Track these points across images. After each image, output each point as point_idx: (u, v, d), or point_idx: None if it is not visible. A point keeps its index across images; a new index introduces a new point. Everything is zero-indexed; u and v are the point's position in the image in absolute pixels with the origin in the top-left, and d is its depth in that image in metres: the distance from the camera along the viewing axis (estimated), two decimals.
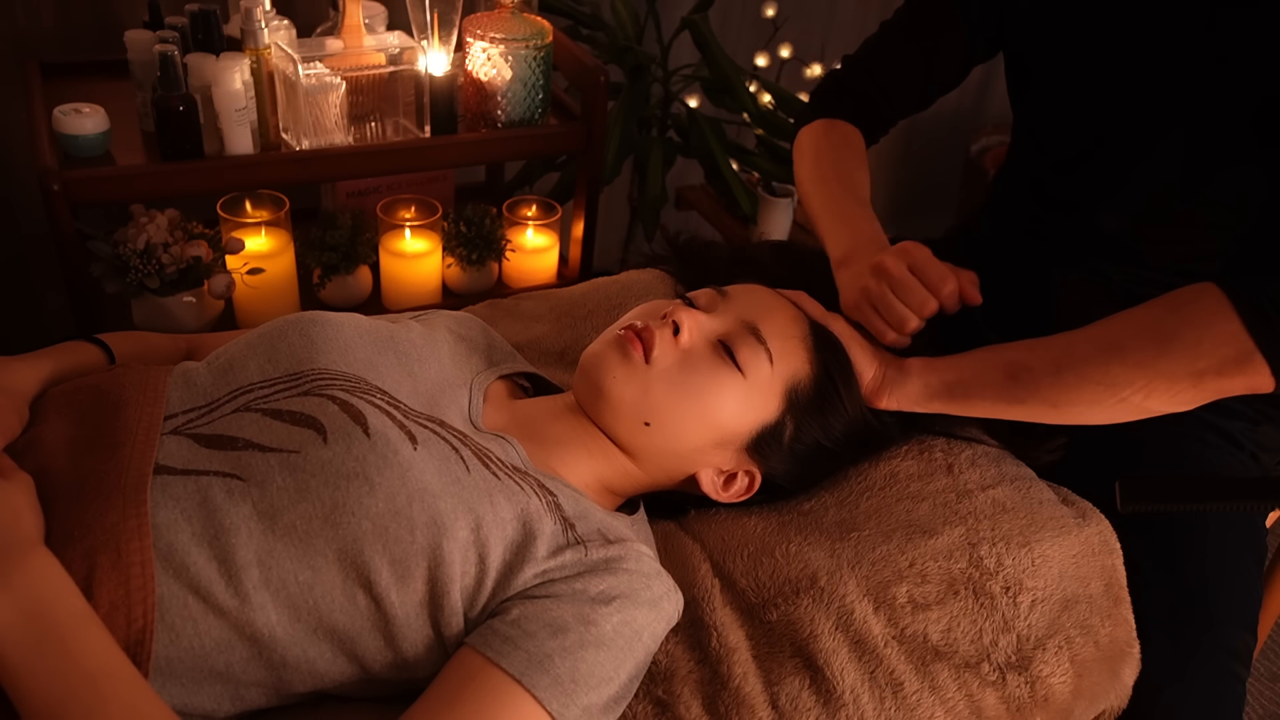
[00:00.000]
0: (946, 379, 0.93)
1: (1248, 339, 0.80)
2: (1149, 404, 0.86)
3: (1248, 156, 0.95)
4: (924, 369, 0.94)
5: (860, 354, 0.95)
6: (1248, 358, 0.81)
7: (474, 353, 0.98)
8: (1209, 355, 0.82)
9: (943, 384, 0.93)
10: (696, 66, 2.01)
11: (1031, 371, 0.89)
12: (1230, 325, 0.81)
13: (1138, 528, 0.97)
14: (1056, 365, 0.88)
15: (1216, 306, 0.82)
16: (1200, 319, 0.83)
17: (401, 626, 0.71)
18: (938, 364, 0.94)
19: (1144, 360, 0.84)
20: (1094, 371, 0.86)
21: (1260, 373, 0.81)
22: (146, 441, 0.74)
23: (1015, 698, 0.85)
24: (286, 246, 1.58)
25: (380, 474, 0.71)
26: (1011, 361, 0.91)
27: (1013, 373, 0.90)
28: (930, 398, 0.94)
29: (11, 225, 1.80)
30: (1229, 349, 0.81)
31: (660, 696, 0.80)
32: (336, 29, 1.52)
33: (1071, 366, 0.87)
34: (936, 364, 0.95)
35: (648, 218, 1.93)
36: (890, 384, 0.94)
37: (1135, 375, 0.84)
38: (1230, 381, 0.83)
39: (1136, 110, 1.02)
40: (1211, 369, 0.82)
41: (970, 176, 2.72)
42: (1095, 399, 0.87)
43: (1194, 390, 0.84)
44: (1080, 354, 0.87)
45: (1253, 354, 0.81)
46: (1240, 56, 0.94)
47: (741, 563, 0.90)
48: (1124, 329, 0.87)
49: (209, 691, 0.70)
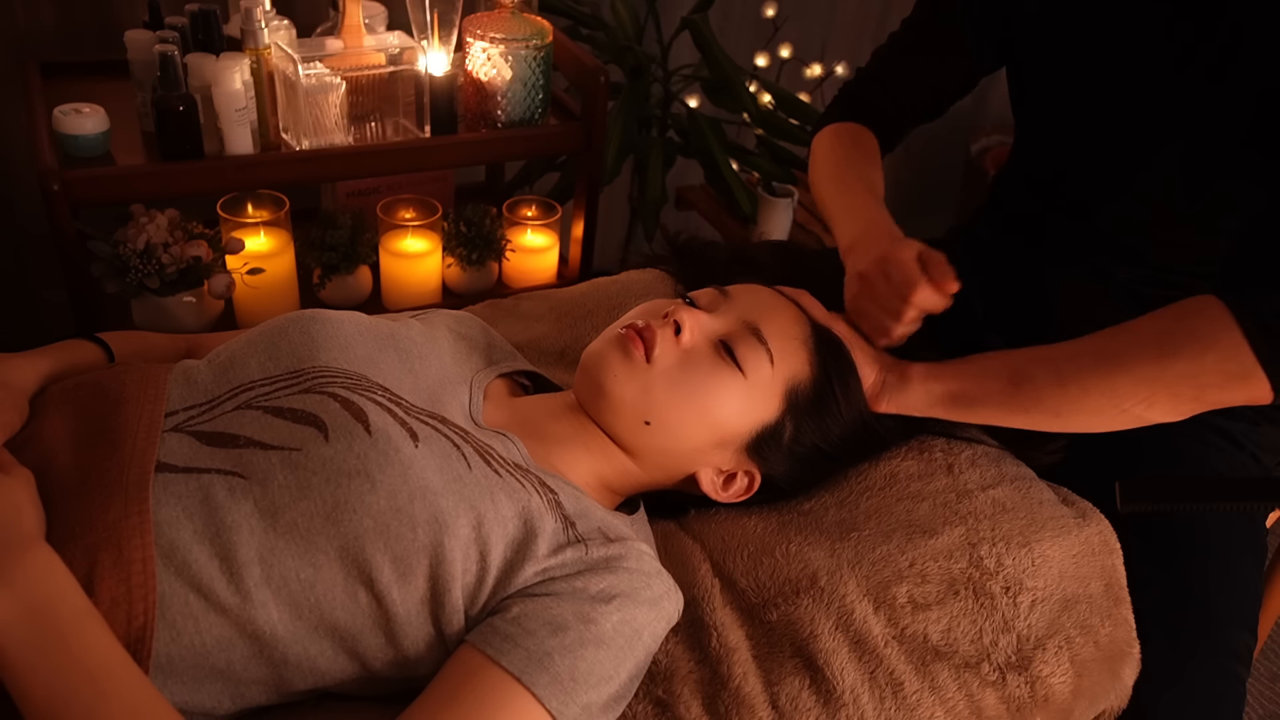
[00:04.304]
0: (950, 388, 0.93)
1: (1250, 354, 0.81)
2: (1150, 414, 0.86)
3: (1245, 166, 0.95)
4: (926, 376, 0.94)
5: (861, 357, 0.95)
6: (1250, 372, 0.81)
7: (474, 351, 0.98)
8: (1212, 370, 0.82)
9: (945, 393, 0.93)
10: (696, 66, 2.01)
11: (1035, 382, 0.89)
12: (1233, 340, 0.81)
13: (1138, 528, 0.97)
14: (1060, 375, 0.88)
15: (1219, 320, 0.82)
16: (1204, 333, 0.83)
17: (403, 624, 0.71)
18: (941, 372, 0.94)
19: (1147, 373, 0.84)
20: (1097, 383, 0.86)
21: (1261, 386, 0.81)
22: (148, 439, 0.74)
23: (1015, 698, 0.85)
24: (286, 246, 1.58)
25: (382, 471, 0.71)
26: (1015, 371, 0.91)
27: (1016, 382, 0.90)
28: (932, 405, 0.94)
29: (11, 225, 1.80)
30: (1232, 364, 0.81)
31: (660, 696, 0.80)
32: (336, 29, 1.52)
33: (1075, 377, 0.87)
34: (939, 372, 0.94)
35: (648, 218, 1.93)
36: (890, 389, 0.94)
37: (1138, 387, 0.85)
38: (1231, 394, 0.83)
39: (1135, 119, 1.02)
40: (1214, 383, 0.83)
41: (970, 176, 2.72)
42: (1097, 409, 0.87)
43: (1195, 402, 0.85)
44: (1083, 365, 0.88)
45: (1255, 369, 0.81)
46: (1237, 65, 0.94)
47: (741, 563, 0.90)
48: (1128, 341, 0.87)
49: (210, 689, 0.70)
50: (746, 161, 2.02)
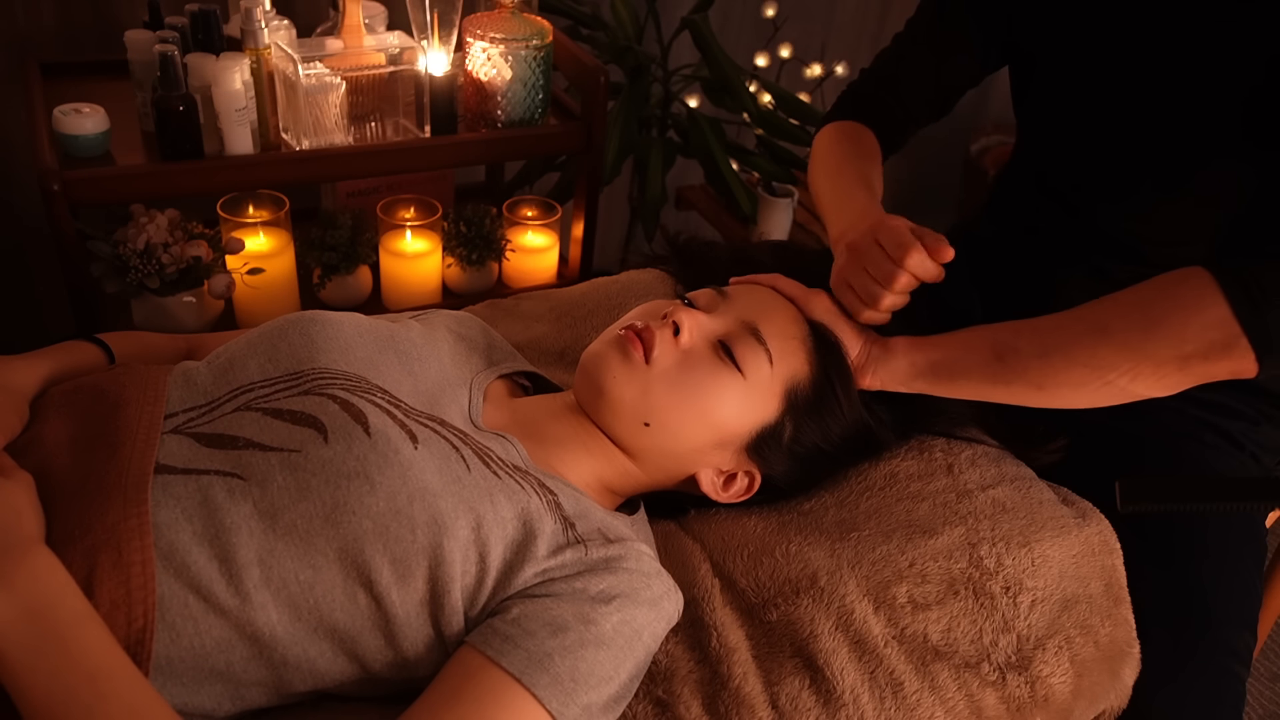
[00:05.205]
0: (932, 358, 0.92)
1: (1234, 324, 0.80)
2: (1134, 387, 0.85)
3: (1245, 162, 0.95)
4: (909, 348, 0.93)
5: (845, 331, 0.94)
6: (1234, 342, 0.81)
7: (474, 352, 0.98)
8: (1196, 339, 0.82)
9: (928, 363, 0.92)
10: (696, 66, 2.01)
11: (1018, 352, 0.89)
12: (1218, 310, 0.81)
13: (1138, 528, 0.97)
14: (1043, 346, 0.88)
15: (1204, 290, 0.82)
16: (1188, 303, 0.82)
17: (402, 626, 0.71)
18: (923, 343, 0.94)
19: (1130, 343, 0.84)
20: (1080, 353, 0.86)
21: (1245, 357, 0.81)
22: (147, 441, 0.74)
23: (1015, 698, 0.85)
24: (286, 246, 1.58)
25: (381, 473, 0.71)
26: (998, 342, 0.90)
27: (999, 353, 0.89)
28: (915, 377, 0.93)
29: (11, 225, 1.80)
30: (1216, 333, 0.81)
31: (660, 696, 0.80)
32: (336, 29, 1.52)
33: (1058, 348, 0.87)
34: (922, 343, 0.94)
35: (648, 218, 1.93)
36: (875, 362, 0.93)
37: (1121, 358, 0.84)
38: (1215, 366, 0.82)
39: (1136, 118, 1.02)
40: (1198, 353, 0.82)
41: (970, 176, 2.72)
42: (1081, 381, 0.86)
43: (1179, 374, 0.84)
44: (1067, 335, 0.87)
45: (1239, 339, 0.80)
46: (1236, 63, 0.94)
47: (741, 563, 0.90)
48: (1111, 311, 0.86)
49: (209, 691, 0.70)
50: (746, 161, 2.02)
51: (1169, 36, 0.98)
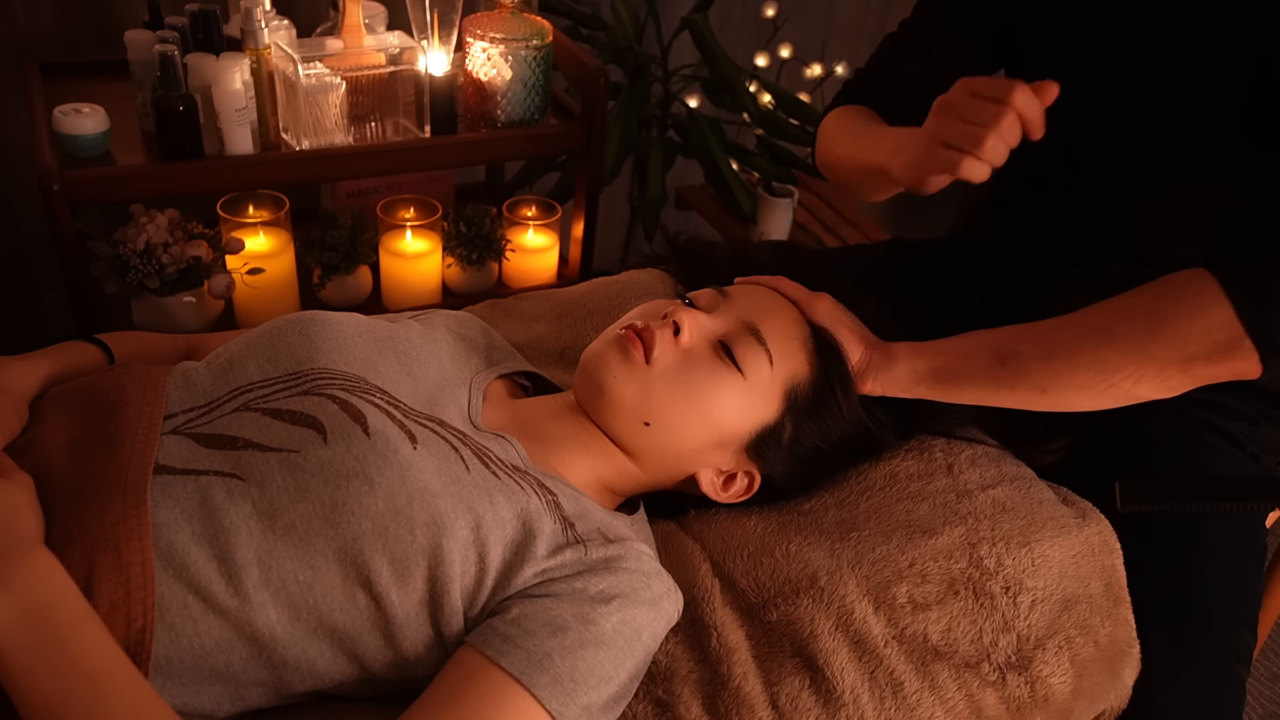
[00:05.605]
0: (934, 364, 0.92)
1: (1238, 326, 0.80)
2: (1138, 390, 0.85)
3: (1240, 151, 0.95)
4: (911, 354, 0.93)
5: (847, 337, 0.94)
6: (1237, 344, 0.81)
7: (473, 352, 0.98)
8: (1199, 341, 0.82)
9: (930, 369, 0.92)
10: (696, 66, 2.01)
11: (1021, 357, 0.88)
12: (1221, 312, 0.81)
13: (1138, 528, 0.97)
14: (1047, 350, 0.87)
15: (1208, 292, 0.82)
16: (1192, 305, 0.82)
17: (401, 626, 0.71)
18: (925, 349, 0.93)
19: (1135, 346, 0.84)
20: (1084, 357, 0.86)
21: (1249, 359, 0.81)
22: (146, 441, 0.74)
23: (1015, 698, 0.85)
24: (286, 246, 1.58)
25: (380, 473, 0.71)
26: (1000, 346, 0.90)
27: (1001, 358, 0.89)
28: (917, 383, 0.93)
29: (11, 225, 1.80)
30: (1220, 335, 0.81)
31: (660, 696, 0.80)
32: (336, 29, 1.52)
33: (1062, 352, 0.87)
34: (924, 349, 0.93)
35: (648, 218, 1.93)
36: (876, 368, 0.93)
37: (1126, 361, 0.84)
38: (1219, 368, 0.82)
39: (1133, 117, 1.02)
40: (1201, 355, 0.82)
41: None
42: (1085, 384, 0.86)
43: (1183, 376, 0.84)
44: (1071, 339, 0.87)
45: (1242, 340, 0.80)
46: (1235, 61, 0.94)
47: (741, 563, 0.90)
48: (1115, 314, 0.86)
49: (209, 691, 0.70)
50: (746, 161, 2.02)
51: (1167, 32, 0.98)
